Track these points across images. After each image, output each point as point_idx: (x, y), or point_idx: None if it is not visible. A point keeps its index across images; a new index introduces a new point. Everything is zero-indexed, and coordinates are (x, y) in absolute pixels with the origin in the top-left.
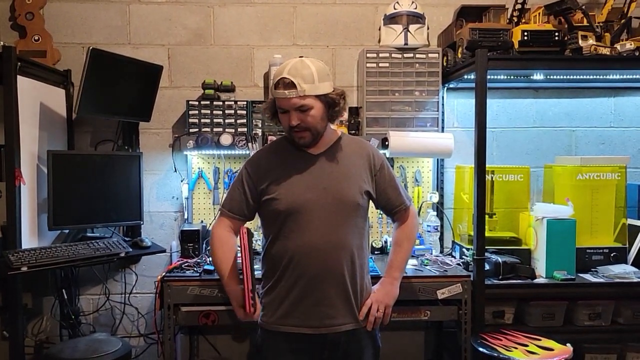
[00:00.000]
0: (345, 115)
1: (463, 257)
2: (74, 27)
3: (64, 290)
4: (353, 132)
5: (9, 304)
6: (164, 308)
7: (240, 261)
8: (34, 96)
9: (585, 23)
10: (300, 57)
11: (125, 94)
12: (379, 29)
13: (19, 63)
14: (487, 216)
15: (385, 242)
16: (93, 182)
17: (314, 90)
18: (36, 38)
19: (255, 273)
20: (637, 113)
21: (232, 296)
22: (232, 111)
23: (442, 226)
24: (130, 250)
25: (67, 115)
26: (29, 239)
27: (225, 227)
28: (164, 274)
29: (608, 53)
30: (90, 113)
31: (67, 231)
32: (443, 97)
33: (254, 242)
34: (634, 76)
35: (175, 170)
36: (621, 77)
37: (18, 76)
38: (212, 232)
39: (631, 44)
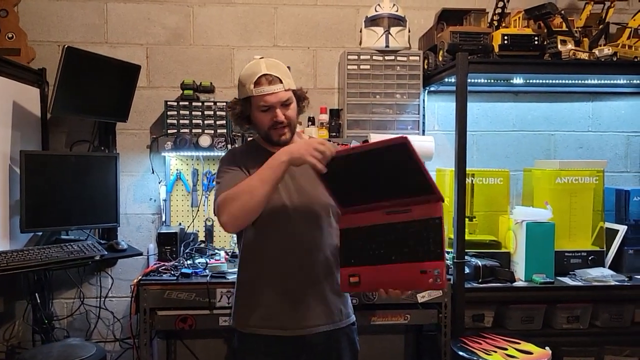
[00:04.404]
0: (326, 117)
1: None
2: (49, 25)
3: (36, 294)
4: (334, 134)
5: None
6: (140, 312)
7: None
8: (7, 95)
9: (564, 28)
10: (260, 57)
11: (101, 94)
12: (360, 31)
13: None
14: (467, 219)
15: None
16: (68, 183)
17: (292, 85)
18: (10, 36)
19: (233, 278)
20: (615, 117)
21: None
22: (212, 112)
23: None
24: (106, 253)
25: (41, 114)
26: (0, 242)
27: None
28: (140, 277)
29: (586, 58)
30: (65, 113)
31: (40, 234)
32: (424, 100)
33: (232, 244)
34: (612, 81)
35: (153, 172)
36: (599, 82)
37: None
38: (220, 202)
39: (609, 49)
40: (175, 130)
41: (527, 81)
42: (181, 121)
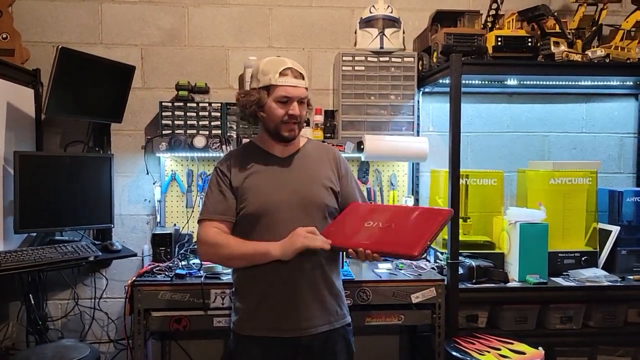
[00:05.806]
0: (321, 118)
1: (437, 261)
2: (44, 25)
3: (30, 295)
4: (329, 135)
5: None
6: (135, 313)
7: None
8: (1, 96)
9: (557, 30)
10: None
11: (96, 95)
12: (355, 33)
13: None
14: (461, 220)
15: None
16: (62, 184)
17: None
18: (4, 36)
19: (227, 279)
20: (608, 119)
21: (289, 244)
22: (206, 113)
23: None
24: (100, 254)
25: (35, 115)
26: None
27: (214, 229)
28: (134, 278)
29: (579, 59)
30: (59, 113)
31: (34, 234)
32: (418, 101)
33: None
34: (605, 82)
35: (148, 173)
36: (592, 83)
37: None
38: (201, 237)
39: (602, 51)
40: (170, 131)
41: (521, 82)
42: (176, 122)
